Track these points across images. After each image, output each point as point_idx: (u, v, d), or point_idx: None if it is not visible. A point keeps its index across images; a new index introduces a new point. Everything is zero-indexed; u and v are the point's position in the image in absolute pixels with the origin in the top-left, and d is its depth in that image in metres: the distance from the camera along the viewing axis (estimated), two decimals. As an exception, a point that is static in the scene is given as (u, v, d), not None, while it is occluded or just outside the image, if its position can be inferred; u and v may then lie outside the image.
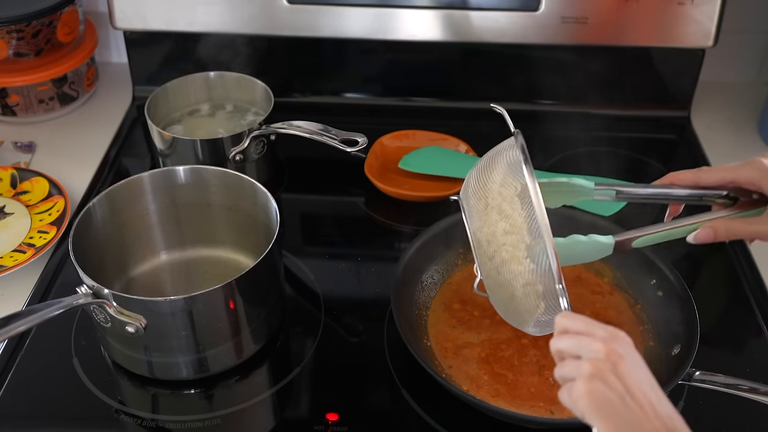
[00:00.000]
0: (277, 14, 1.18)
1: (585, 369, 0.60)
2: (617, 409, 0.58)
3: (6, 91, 1.21)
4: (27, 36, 1.18)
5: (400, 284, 0.90)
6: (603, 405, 0.58)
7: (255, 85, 1.14)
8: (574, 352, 0.63)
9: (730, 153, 1.22)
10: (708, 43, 1.18)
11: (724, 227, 0.75)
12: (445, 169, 1.12)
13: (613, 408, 0.58)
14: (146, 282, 0.97)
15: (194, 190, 0.95)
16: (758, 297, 0.98)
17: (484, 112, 1.32)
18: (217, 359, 0.86)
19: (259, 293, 0.86)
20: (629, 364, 0.61)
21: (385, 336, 0.91)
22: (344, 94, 1.31)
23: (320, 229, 1.11)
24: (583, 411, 0.59)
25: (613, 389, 0.59)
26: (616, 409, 0.58)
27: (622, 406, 0.58)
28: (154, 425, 0.84)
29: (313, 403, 0.86)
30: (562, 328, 0.65)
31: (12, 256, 0.99)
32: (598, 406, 0.58)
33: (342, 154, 1.00)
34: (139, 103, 1.28)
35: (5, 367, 0.88)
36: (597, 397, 0.58)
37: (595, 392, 0.59)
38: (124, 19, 1.20)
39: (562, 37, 1.18)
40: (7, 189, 1.10)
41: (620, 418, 0.58)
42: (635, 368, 0.61)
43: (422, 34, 1.19)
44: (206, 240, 0.99)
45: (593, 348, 0.61)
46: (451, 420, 0.83)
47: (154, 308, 0.80)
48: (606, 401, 0.58)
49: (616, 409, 0.58)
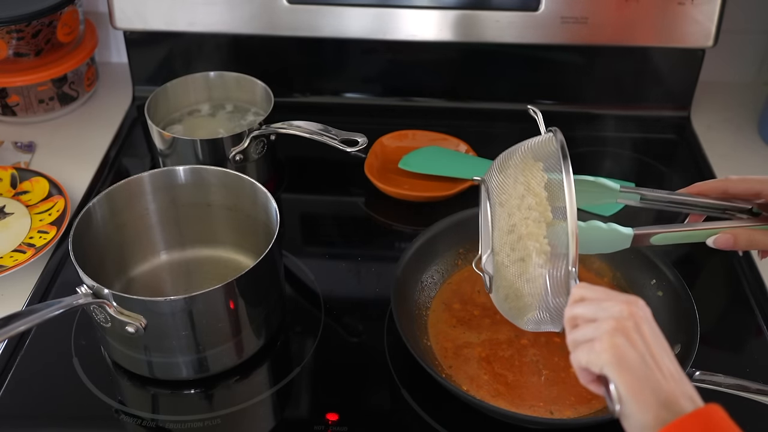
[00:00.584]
0: (277, 14, 1.18)
1: (609, 325, 0.61)
2: (638, 365, 0.59)
3: (6, 91, 1.21)
4: (27, 36, 1.18)
5: (400, 284, 0.90)
6: (625, 359, 0.59)
7: (255, 85, 1.14)
8: (592, 316, 0.63)
9: (730, 153, 1.22)
10: (708, 43, 1.18)
11: (745, 235, 0.76)
12: (445, 169, 1.12)
13: (634, 364, 0.59)
14: (146, 282, 0.97)
15: (194, 190, 0.95)
16: (758, 297, 0.98)
17: (484, 112, 1.32)
18: (217, 359, 0.86)
19: (259, 293, 0.86)
20: (650, 327, 0.62)
21: (385, 336, 0.91)
22: (344, 94, 1.31)
23: (320, 229, 1.11)
24: (605, 364, 0.60)
25: (635, 346, 0.60)
26: (637, 366, 0.59)
27: (642, 364, 0.59)
28: (154, 425, 0.84)
29: (313, 403, 0.86)
30: (579, 296, 0.65)
31: (12, 256, 0.99)
32: (620, 359, 0.59)
33: (342, 154, 1.00)
34: (139, 103, 1.28)
35: (5, 367, 0.88)
36: (620, 352, 0.59)
37: (619, 346, 0.60)
38: (124, 19, 1.20)
39: (562, 37, 1.18)
40: (7, 189, 1.10)
41: (640, 375, 0.59)
42: (655, 333, 0.62)
43: (422, 34, 1.19)
44: (206, 240, 0.99)
45: (615, 309, 0.62)
46: (451, 420, 0.83)
47: (154, 308, 0.80)
48: (628, 356, 0.59)
49: (637, 366, 0.59)
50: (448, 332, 0.91)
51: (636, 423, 0.58)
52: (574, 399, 0.83)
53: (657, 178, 1.18)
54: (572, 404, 0.83)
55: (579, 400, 0.83)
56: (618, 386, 0.59)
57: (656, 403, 0.58)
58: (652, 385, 0.59)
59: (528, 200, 0.74)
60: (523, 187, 0.75)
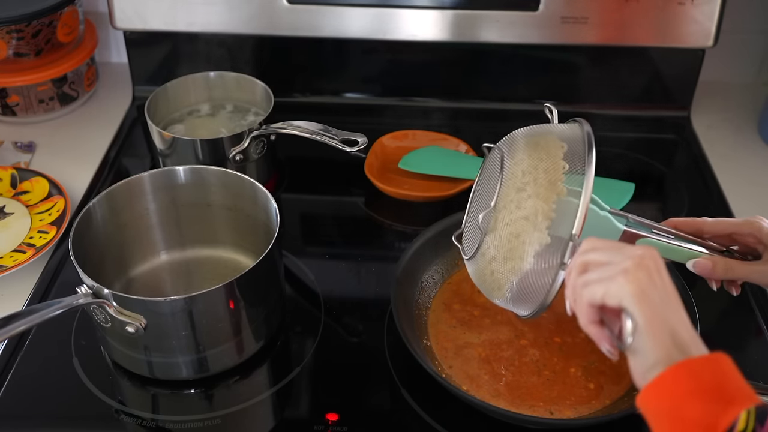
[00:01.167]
0: (277, 14, 1.18)
1: (630, 262, 0.61)
2: (658, 302, 0.60)
3: (6, 91, 1.21)
4: (27, 36, 1.18)
5: (400, 284, 0.90)
6: (647, 293, 0.60)
7: (255, 85, 1.14)
8: (607, 260, 0.63)
9: (730, 153, 1.22)
10: (708, 43, 1.18)
11: (723, 264, 0.78)
12: (445, 169, 1.12)
13: (655, 300, 0.60)
14: (146, 282, 0.97)
15: (194, 190, 0.95)
16: (758, 297, 0.98)
17: (484, 112, 1.32)
18: (217, 359, 0.86)
19: (259, 293, 0.86)
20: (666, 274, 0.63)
21: (385, 336, 0.91)
22: (344, 94, 1.31)
23: (320, 229, 1.11)
24: (626, 295, 0.60)
25: (655, 284, 0.61)
26: (657, 302, 0.60)
27: (662, 302, 0.61)
28: (154, 425, 0.84)
29: (313, 403, 0.86)
30: (591, 246, 0.65)
31: (12, 256, 0.99)
32: (643, 292, 0.60)
33: (342, 154, 1.00)
34: (139, 103, 1.28)
35: (5, 367, 0.88)
36: (644, 285, 0.60)
37: (642, 280, 0.60)
38: (124, 19, 1.20)
39: (562, 37, 1.18)
40: (7, 189, 1.10)
41: (659, 311, 0.60)
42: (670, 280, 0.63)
43: (422, 34, 1.19)
44: (206, 240, 0.99)
45: (635, 252, 0.62)
46: (451, 420, 0.83)
47: (154, 308, 0.80)
48: (650, 291, 0.60)
49: (658, 302, 0.60)
50: (448, 332, 0.91)
51: (646, 358, 0.59)
52: (574, 399, 0.83)
53: (657, 178, 1.18)
54: (572, 404, 0.83)
55: (579, 400, 0.83)
56: (637, 319, 0.60)
57: (670, 341, 0.59)
58: (669, 324, 0.60)
59: (545, 164, 0.74)
60: (545, 152, 0.75)
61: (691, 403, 0.56)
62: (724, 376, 0.57)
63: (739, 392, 0.56)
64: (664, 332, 0.59)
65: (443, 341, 0.90)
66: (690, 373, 0.57)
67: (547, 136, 0.77)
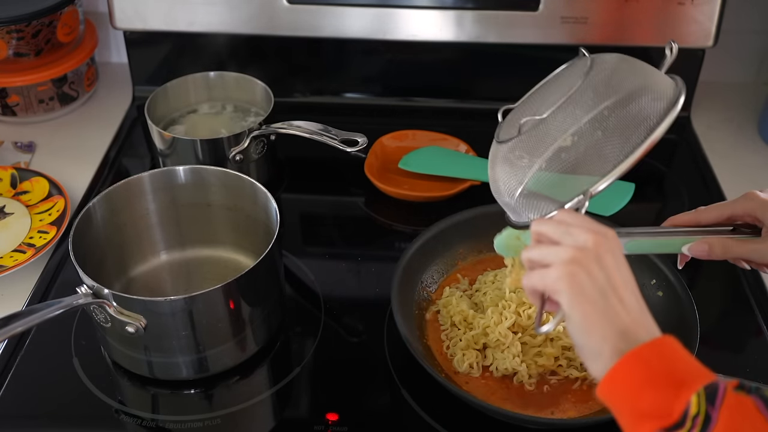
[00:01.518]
0: (277, 14, 1.18)
1: (567, 254, 0.60)
2: (595, 297, 0.59)
3: (6, 91, 1.21)
4: (27, 36, 1.18)
5: (400, 284, 0.90)
6: (582, 290, 0.59)
7: (255, 85, 1.14)
8: (556, 239, 0.62)
9: (730, 153, 1.22)
10: (708, 43, 1.18)
11: (720, 243, 0.76)
12: (445, 169, 1.12)
13: (591, 295, 0.59)
14: (146, 282, 0.97)
15: (194, 190, 0.95)
16: (758, 297, 0.98)
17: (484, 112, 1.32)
18: (217, 359, 0.86)
19: (259, 293, 0.86)
20: (615, 260, 0.61)
21: (385, 336, 0.91)
22: (344, 94, 1.31)
23: (320, 229, 1.11)
24: (559, 291, 0.59)
25: (593, 277, 0.59)
26: (594, 297, 0.59)
27: (599, 295, 0.59)
28: (154, 425, 0.84)
29: (313, 403, 0.86)
30: (559, 217, 0.64)
31: (12, 256, 0.99)
32: (576, 289, 0.59)
33: (342, 154, 1.00)
34: (139, 103, 1.28)
35: (5, 367, 0.88)
36: (577, 281, 0.59)
37: (575, 276, 0.59)
38: (124, 19, 1.20)
39: (562, 36, 1.17)
40: (7, 189, 1.10)
41: (598, 306, 0.58)
42: (620, 265, 0.61)
43: (422, 34, 1.19)
44: (206, 240, 0.99)
45: (581, 237, 0.61)
46: (451, 420, 0.83)
47: (154, 308, 0.80)
48: (585, 287, 0.59)
49: (595, 297, 0.59)
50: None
51: (591, 353, 0.59)
52: (574, 399, 0.83)
53: (657, 178, 1.18)
54: (573, 404, 0.83)
55: (579, 400, 0.83)
56: (572, 316, 0.59)
57: (614, 334, 0.58)
58: (610, 316, 0.58)
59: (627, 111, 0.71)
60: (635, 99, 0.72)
61: (644, 393, 0.55)
62: (671, 358, 0.57)
63: (689, 374, 0.56)
64: (606, 326, 0.58)
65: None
66: (639, 362, 0.56)
67: (649, 78, 0.73)
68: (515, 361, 0.83)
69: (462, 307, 0.89)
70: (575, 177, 0.71)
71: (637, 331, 0.58)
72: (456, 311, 0.89)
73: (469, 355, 0.86)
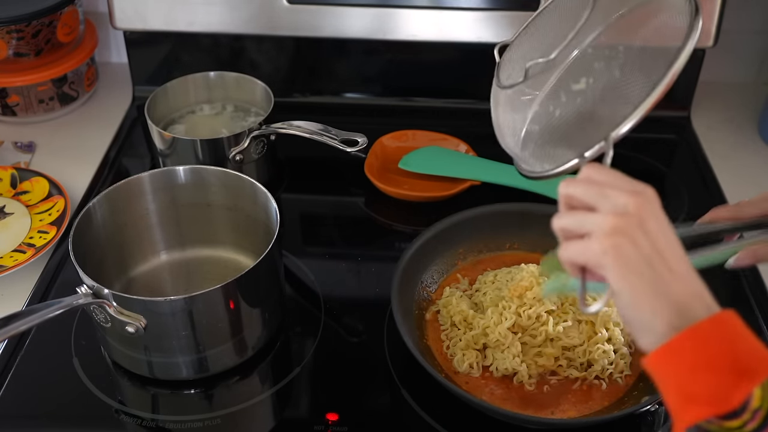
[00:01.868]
0: (277, 14, 1.18)
1: (609, 223, 0.54)
2: (644, 269, 0.53)
3: (6, 91, 1.21)
4: (27, 36, 1.18)
5: (400, 284, 0.90)
6: (629, 263, 0.53)
7: (255, 85, 1.14)
8: (590, 203, 0.56)
9: (730, 153, 1.22)
10: (708, 43, 1.18)
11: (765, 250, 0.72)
12: (445, 169, 1.12)
13: (639, 267, 0.53)
14: (146, 282, 0.97)
15: (194, 190, 0.95)
16: (758, 297, 0.98)
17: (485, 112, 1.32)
18: (217, 359, 0.86)
19: (259, 293, 0.86)
20: (659, 224, 0.55)
21: (385, 336, 0.91)
22: (344, 94, 1.31)
23: (320, 229, 1.11)
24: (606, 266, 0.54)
25: (640, 247, 0.54)
26: (642, 269, 0.53)
27: (648, 267, 0.54)
28: (154, 425, 0.84)
29: (313, 403, 0.86)
30: (585, 176, 0.58)
31: (12, 256, 0.99)
32: (624, 263, 0.53)
33: (342, 154, 1.00)
34: (139, 103, 1.28)
35: (5, 367, 0.88)
36: (623, 254, 0.53)
37: (621, 248, 0.53)
38: (124, 19, 1.20)
39: (562, 37, 1.17)
40: (7, 189, 1.10)
41: (647, 279, 0.53)
42: (663, 228, 0.55)
43: (422, 34, 1.19)
44: (206, 240, 0.99)
45: (620, 200, 0.55)
46: (451, 420, 0.83)
47: (154, 308, 0.80)
48: (632, 259, 0.53)
49: (643, 269, 0.53)
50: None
51: (641, 327, 0.54)
52: (574, 399, 0.83)
53: (657, 178, 1.18)
54: (573, 404, 0.83)
55: (579, 400, 0.83)
56: (620, 291, 0.54)
57: (666, 308, 0.53)
58: (661, 288, 0.53)
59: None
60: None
61: (699, 376, 0.51)
62: (733, 339, 0.51)
63: (754, 359, 0.50)
64: (656, 299, 0.53)
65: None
66: (696, 342, 0.51)
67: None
68: (515, 361, 0.83)
69: (462, 307, 0.89)
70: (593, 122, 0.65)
71: (692, 305, 0.53)
72: (456, 311, 0.89)
73: (469, 355, 0.86)
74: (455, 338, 0.88)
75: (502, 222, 0.99)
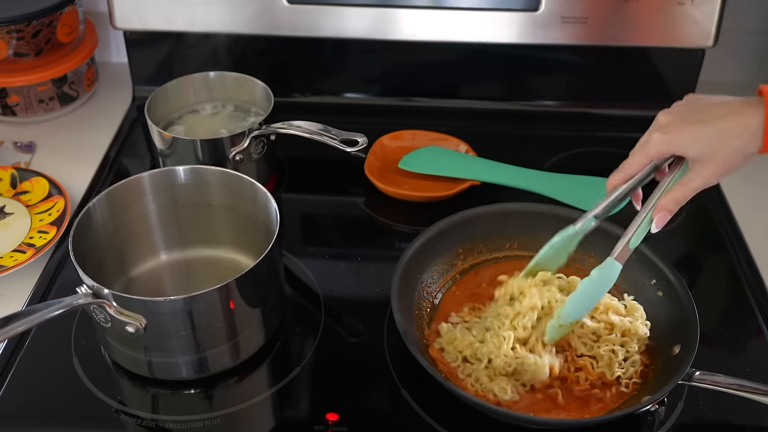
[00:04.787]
0: (277, 14, 1.18)
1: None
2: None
3: (6, 91, 1.21)
4: (27, 36, 1.18)
5: (400, 284, 0.90)
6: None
7: (255, 85, 1.14)
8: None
9: (730, 153, 1.21)
10: (708, 43, 1.18)
11: (670, 199, 0.79)
12: (445, 169, 1.12)
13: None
14: (146, 282, 0.97)
15: (194, 190, 0.95)
16: (758, 297, 0.98)
17: (485, 112, 1.32)
18: (217, 359, 0.86)
19: (259, 293, 0.86)
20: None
21: (385, 336, 0.91)
22: (344, 94, 1.31)
23: (320, 229, 1.11)
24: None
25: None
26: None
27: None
28: (154, 425, 0.84)
29: (313, 403, 0.86)
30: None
31: (12, 256, 0.99)
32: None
33: (342, 154, 1.00)
34: (139, 103, 1.28)
35: (5, 367, 0.88)
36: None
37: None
38: (124, 19, 1.20)
39: (562, 37, 1.17)
40: (7, 189, 1.10)
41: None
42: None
43: (422, 34, 1.19)
44: (206, 240, 0.99)
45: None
46: (452, 420, 0.83)
47: (154, 308, 0.80)
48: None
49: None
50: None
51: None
52: (575, 399, 0.83)
53: (657, 178, 1.18)
54: (573, 404, 0.83)
55: (579, 400, 0.83)
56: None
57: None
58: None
59: None
60: None
61: None
62: None
63: None
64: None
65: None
66: None
67: None
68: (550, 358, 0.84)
69: (469, 339, 0.86)
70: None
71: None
72: (464, 345, 0.86)
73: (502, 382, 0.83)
74: (474, 374, 0.85)
75: (502, 222, 0.99)
